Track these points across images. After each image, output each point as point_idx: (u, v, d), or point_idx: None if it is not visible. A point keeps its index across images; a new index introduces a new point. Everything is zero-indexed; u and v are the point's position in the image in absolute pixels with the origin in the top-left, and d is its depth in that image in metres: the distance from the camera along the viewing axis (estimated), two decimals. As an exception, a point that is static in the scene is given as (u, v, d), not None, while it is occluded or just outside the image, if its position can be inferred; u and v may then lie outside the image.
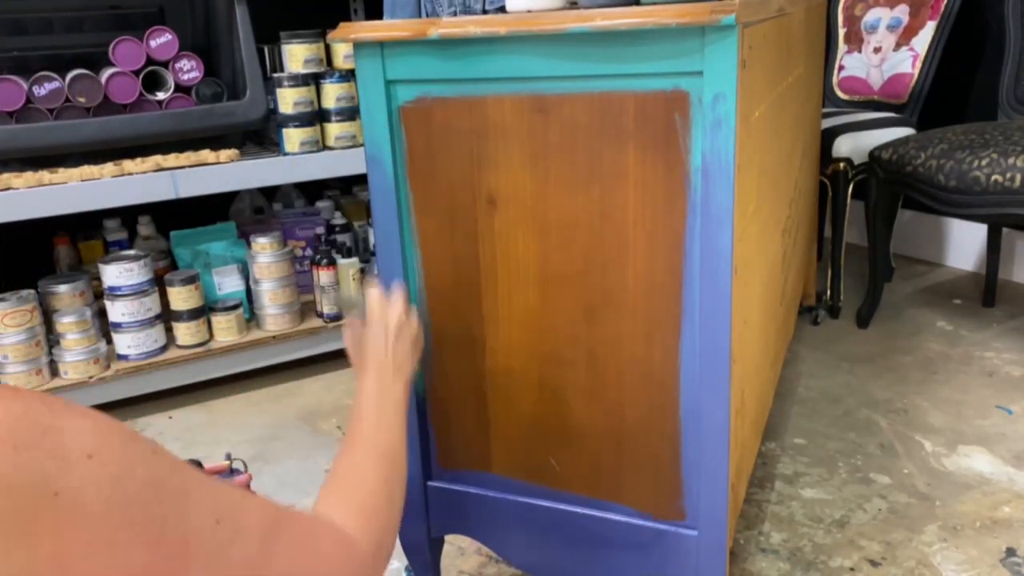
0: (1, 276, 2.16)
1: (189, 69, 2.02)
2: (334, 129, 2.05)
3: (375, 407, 0.95)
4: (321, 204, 2.45)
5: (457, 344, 1.14)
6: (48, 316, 1.92)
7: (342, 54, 2.06)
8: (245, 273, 2.12)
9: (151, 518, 0.54)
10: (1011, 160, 1.76)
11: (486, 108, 1.01)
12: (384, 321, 1.01)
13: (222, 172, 1.93)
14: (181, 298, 1.97)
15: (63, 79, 1.88)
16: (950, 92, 2.53)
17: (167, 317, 2.00)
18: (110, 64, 1.94)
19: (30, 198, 1.76)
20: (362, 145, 1.64)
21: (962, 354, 2.03)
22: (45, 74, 1.87)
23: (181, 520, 0.57)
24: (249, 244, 2.07)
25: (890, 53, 2.46)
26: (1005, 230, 2.35)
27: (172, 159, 1.89)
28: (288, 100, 2.00)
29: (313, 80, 2.03)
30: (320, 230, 2.28)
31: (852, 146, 2.19)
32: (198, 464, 1.25)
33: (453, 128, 1.04)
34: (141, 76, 1.96)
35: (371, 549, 0.81)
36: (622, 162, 0.97)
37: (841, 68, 2.58)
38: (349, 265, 2.10)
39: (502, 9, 1.14)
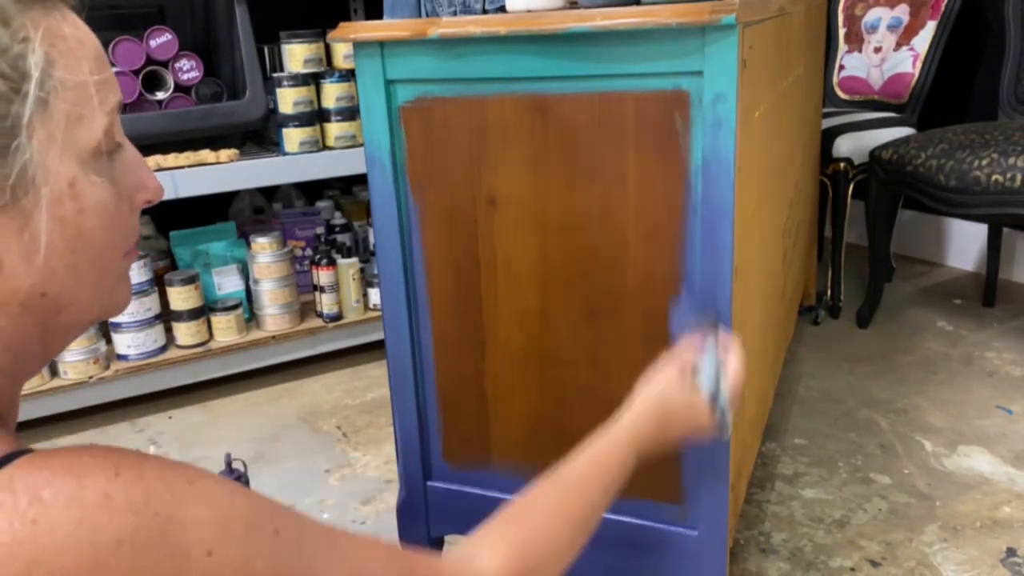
0: (1, 276, 2.16)
1: (189, 69, 2.02)
2: (334, 129, 2.05)
3: (600, 458, 0.82)
4: (321, 204, 2.45)
5: (457, 344, 1.14)
6: (48, 316, 1.91)
7: (342, 54, 2.06)
8: (245, 273, 2.12)
9: None
10: (1011, 160, 1.76)
11: (486, 108, 1.01)
12: (690, 404, 0.87)
13: (222, 172, 1.93)
14: (181, 298, 1.97)
15: (63, 79, 1.88)
16: (950, 92, 2.53)
17: (167, 317, 2.00)
18: (110, 64, 1.94)
19: (30, 198, 1.75)
20: (362, 145, 1.64)
21: (962, 354, 2.03)
22: (45, 74, 1.87)
23: None
24: (249, 244, 2.07)
25: (890, 53, 2.46)
26: (1005, 230, 2.34)
27: (172, 159, 1.89)
28: (288, 100, 1.99)
29: (313, 80, 2.03)
30: (320, 230, 2.28)
31: (852, 146, 2.19)
32: None
33: (453, 128, 1.04)
34: (141, 76, 1.96)
35: None
36: (622, 162, 0.97)
37: (841, 68, 2.58)
38: (349, 265, 2.10)
39: (502, 9, 1.14)
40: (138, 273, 1.91)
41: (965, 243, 2.60)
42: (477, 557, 0.70)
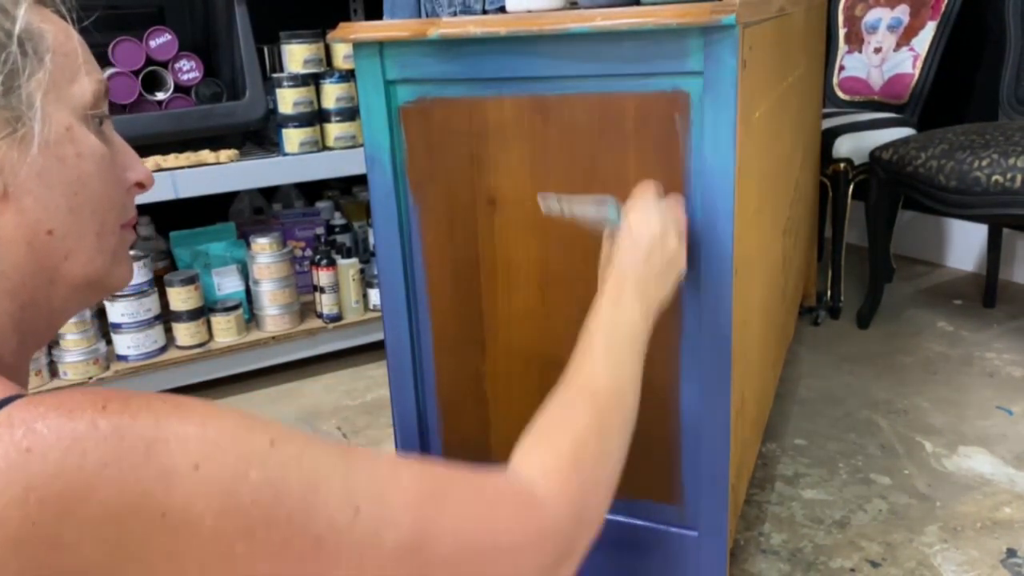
0: (0, 276, 2.15)
1: (189, 69, 2.02)
2: (334, 129, 2.05)
3: (603, 335, 0.79)
4: (321, 204, 2.45)
5: (457, 345, 1.13)
6: (47, 316, 1.91)
7: (342, 54, 2.06)
8: (245, 274, 2.12)
9: (272, 523, 0.49)
10: (1011, 160, 1.76)
11: (486, 108, 1.01)
12: (638, 245, 0.85)
13: (222, 172, 1.93)
14: (180, 299, 1.97)
15: (63, 79, 1.88)
16: (951, 92, 2.53)
17: (167, 318, 2.00)
18: (109, 64, 1.94)
19: (29, 198, 1.75)
20: (362, 145, 1.64)
21: (963, 355, 2.03)
22: (45, 74, 1.87)
23: (309, 519, 0.50)
24: (249, 244, 2.07)
25: (890, 53, 2.46)
26: (1005, 230, 2.34)
27: (172, 159, 1.89)
28: (288, 100, 1.99)
29: (313, 80, 2.03)
30: (320, 230, 2.28)
31: (852, 146, 2.19)
32: None
33: (453, 128, 1.04)
34: (141, 76, 1.96)
35: (566, 510, 0.64)
36: (622, 163, 0.97)
37: (841, 68, 2.58)
38: (349, 265, 2.10)
39: (502, 9, 1.14)
40: (138, 274, 1.91)
41: (965, 244, 2.60)
42: (522, 468, 0.66)
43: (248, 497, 0.49)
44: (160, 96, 1.99)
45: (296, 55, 2.01)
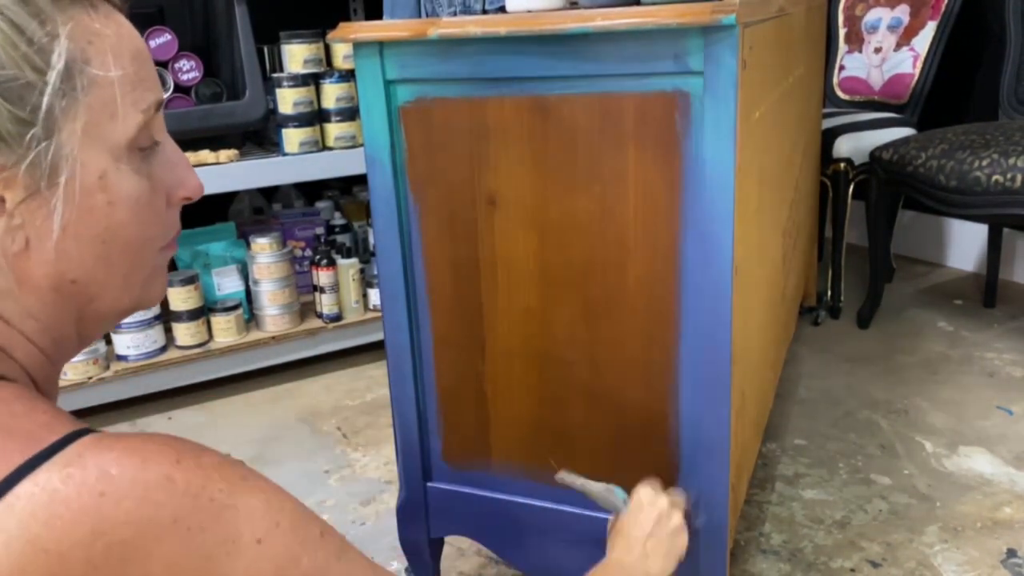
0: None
1: (189, 69, 2.02)
2: (334, 129, 2.04)
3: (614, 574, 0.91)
4: (321, 204, 2.45)
5: (457, 345, 1.13)
6: (47, 316, 1.91)
7: (342, 54, 2.06)
8: (244, 273, 2.12)
9: None
10: (1012, 160, 1.76)
11: (486, 108, 1.01)
12: (648, 513, 0.96)
13: (222, 172, 1.93)
14: (180, 298, 1.97)
15: (62, 79, 1.88)
16: (951, 92, 2.53)
17: (166, 318, 2.00)
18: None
19: (29, 198, 1.75)
20: (362, 145, 1.64)
21: (963, 355, 2.03)
22: (44, 74, 1.87)
23: None
24: (248, 244, 2.07)
25: (891, 53, 2.46)
26: (1006, 230, 2.34)
27: (172, 159, 1.89)
28: (288, 100, 1.99)
29: (313, 80, 2.03)
30: (320, 230, 2.28)
31: (853, 146, 2.19)
32: None
33: (453, 128, 1.04)
34: (141, 76, 1.96)
35: None
36: (622, 162, 0.97)
37: (842, 68, 2.58)
38: (349, 265, 2.10)
39: (502, 9, 1.14)
40: (138, 273, 1.90)
41: (965, 243, 2.60)
42: None
43: None
44: (160, 96, 1.99)
45: (296, 55, 2.01)
